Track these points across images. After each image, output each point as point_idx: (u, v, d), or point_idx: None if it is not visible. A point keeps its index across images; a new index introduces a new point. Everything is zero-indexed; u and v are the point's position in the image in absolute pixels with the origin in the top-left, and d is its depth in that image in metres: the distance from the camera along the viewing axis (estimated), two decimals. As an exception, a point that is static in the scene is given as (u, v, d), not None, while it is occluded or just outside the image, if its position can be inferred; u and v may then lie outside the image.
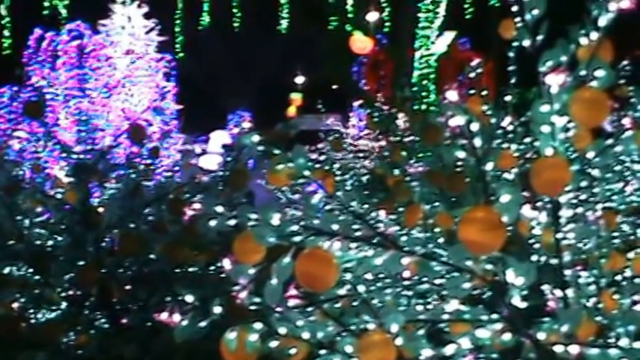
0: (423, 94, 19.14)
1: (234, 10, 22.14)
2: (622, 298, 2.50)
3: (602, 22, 1.81)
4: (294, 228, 1.86)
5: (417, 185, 3.01)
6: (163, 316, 2.15)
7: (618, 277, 2.64)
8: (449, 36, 21.89)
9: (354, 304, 2.17)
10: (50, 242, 4.09)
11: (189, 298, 2.17)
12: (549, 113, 1.78)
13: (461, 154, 1.81)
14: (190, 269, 3.90)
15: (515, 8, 1.98)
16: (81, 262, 3.89)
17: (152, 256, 3.98)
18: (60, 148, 4.51)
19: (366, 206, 3.65)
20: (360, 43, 20.75)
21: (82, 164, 4.15)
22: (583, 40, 1.81)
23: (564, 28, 1.86)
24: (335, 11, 21.91)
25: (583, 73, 1.78)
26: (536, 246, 2.47)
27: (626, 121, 2.27)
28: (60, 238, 4.09)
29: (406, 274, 2.19)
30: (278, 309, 2.08)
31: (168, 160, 14.41)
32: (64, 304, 4.01)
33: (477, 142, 1.78)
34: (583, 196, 2.47)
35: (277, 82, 26.21)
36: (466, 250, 1.72)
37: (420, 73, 19.54)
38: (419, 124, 3.64)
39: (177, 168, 5.08)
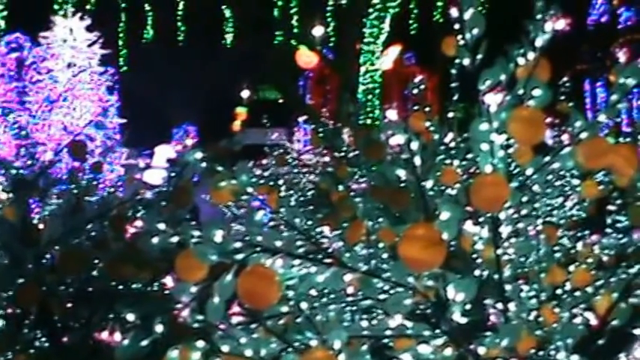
0: (368, 109, 19.26)
1: (179, 24, 22.03)
2: (562, 311, 2.54)
3: (539, 42, 1.85)
4: (237, 245, 1.85)
5: (360, 201, 3.03)
6: (104, 335, 2.13)
7: (559, 291, 2.68)
8: (394, 51, 22.11)
9: (298, 320, 2.17)
10: (-12, 259, 4.00)
11: (131, 317, 2.15)
12: (488, 131, 1.81)
13: (401, 173, 1.83)
14: (133, 287, 3.85)
15: (457, 26, 2.01)
16: (20, 280, 3.82)
17: (94, 273, 3.92)
18: (-2, 163, 4.42)
19: (310, 222, 3.66)
20: (306, 57, 20.82)
21: (22, 179, 4.08)
22: (521, 60, 1.84)
23: (503, 47, 1.90)
24: (280, 25, 21.95)
25: (521, 92, 1.82)
26: (479, 261, 2.50)
27: (565, 137, 2.32)
28: (-2, 256, 4.00)
29: (350, 289, 2.20)
30: (221, 326, 2.07)
31: (112, 175, 14.25)
32: (1, 323, 3.93)
33: (417, 160, 1.80)
34: (524, 211, 2.51)
35: (223, 96, 26.14)
36: (407, 266, 1.73)
37: (365, 88, 19.67)
38: (362, 140, 3.66)
39: (120, 183, 5.01)
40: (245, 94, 26.90)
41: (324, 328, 1.95)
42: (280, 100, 22.65)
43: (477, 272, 2.61)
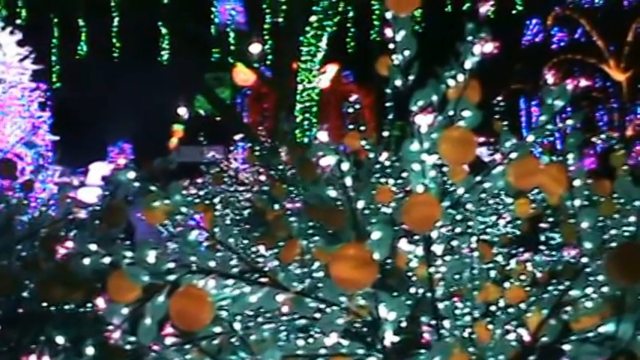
0: (305, 127, 19.31)
1: (114, 40, 21.79)
2: (495, 328, 2.57)
3: (468, 64, 1.88)
4: (170, 265, 1.84)
5: (295, 220, 3.03)
6: (33, 358, 2.08)
7: (492, 308, 2.72)
8: (331, 69, 22.23)
9: (232, 340, 2.16)
10: None
11: (60, 340, 2.11)
12: (419, 152, 1.83)
13: (333, 193, 1.84)
14: (64, 308, 3.78)
15: (391, 46, 2.03)
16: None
17: (24, 294, 3.84)
18: None
19: (246, 241, 3.64)
20: (243, 75, 20.81)
21: (-51, 199, 3.98)
22: (451, 82, 1.87)
23: (434, 69, 1.93)
24: (217, 43, 21.90)
25: (451, 113, 1.85)
26: (414, 279, 2.52)
27: (497, 157, 2.36)
28: None
29: (285, 309, 2.20)
30: (154, 348, 2.04)
31: (44, 194, 13.98)
32: None
33: (348, 181, 1.81)
34: (458, 229, 2.54)
35: (158, 113, 25.92)
36: (339, 286, 1.74)
37: (302, 107, 19.72)
38: (297, 159, 3.67)
39: (52, 202, 4.93)
40: (181, 111, 26.73)
41: (259, 348, 1.94)
42: (217, 118, 22.56)
43: (412, 290, 2.63)
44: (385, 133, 3.91)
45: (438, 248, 2.14)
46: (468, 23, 2.02)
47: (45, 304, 3.79)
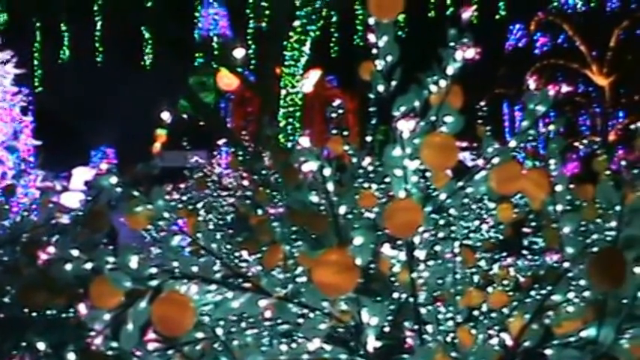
0: (289, 132, 19.30)
1: (96, 44, 21.68)
2: (478, 332, 2.58)
3: (450, 70, 1.89)
4: (152, 271, 1.83)
5: (278, 225, 3.02)
6: (14, 364, 2.07)
7: (476, 312, 2.73)
8: (315, 74, 22.24)
9: (215, 346, 2.15)
10: None
11: (41, 346, 2.09)
12: (401, 157, 1.84)
13: (315, 198, 1.84)
14: (46, 314, 3.76)
15: (374, 51, 2.04)
16: None
17: (5, 300, 3.82)
18: None
19: (229, 246, 3.63)
20: (227, 79, 20.78)
21: None
22: (433, 87, 1.88)
23: (416, 74, 1.93)
24: (201, 47, 21.86)
25: (433, 118, 1.85)
26: (397, 284, 2.53)
27: (480, 162, 2.36)
28: None
29: (268, 314, 2.20)
30: (137, 353, 2.04)
31: (26, 199, 13.88)
32: None
33: (330, 186, 1.81)
34: (441, 234, 2.54)
35: (142, 118, 25.85)
36: (321, 291, 1.74)
37: (285, 111, 19.71)
38: (280, 164, 3.66)
39: (34, 207, 4.90)
40: (165, 115, 26.67)
41: (241, 354, 1.93)
42: (201, 122, 22.52)
43: (395, 295, 2.63)
44: (368, 138, 3.91)
45: (420, 253, 2.14)
46: (451, 29, 2.03)
47: (26, 310, 3.76)
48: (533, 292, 2.57)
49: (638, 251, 1.89)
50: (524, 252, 4.54)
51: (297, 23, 19.80)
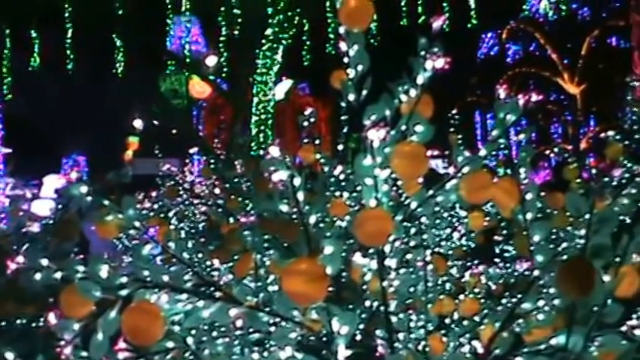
0: (261, 140, 19.28)
1: (67, 51, 21.51)
2: (449, 340, 2.59)
3: (420, 79, 1.90)
4: (123, 280, 1.82)
5: (250, 234, 3.02)
6: (-19, 375, 2.04)
7: (447, 320, 2.73)
8: (287, 82, 22.25)
9: (186, 355, 2.14)
10: None
11: (10, 356, 2.07)
12: (372, 166, 1.84)
13: (284, 207, 1.84)
14: (16, 323, 3.72)
15: (346, 60, 2.04)
16: None
17: (-26, 309, 3.77)
18: None
19: (201, 255, 3.62)
20: (199, 87, 20.74)
21: None
22: (403, 97, 1.89)
23: (387, 83, 1.94)
24: (173, 55, 21.78)
25: (403, 127, 1.86)
26: (368, 292, 2.53)
27: (451, 170, 2.38)
28: None
29: (240, 322, 2.19)
30: (107, 363, 2.02)
31: (-5, 207, 13.72)
32: None
33: (300, 195, 1.81)
34: (412, 243, 2.55)
35: (113, 125, 25.68)
36: (291, 300, 1.74)
37: (257, 119, 19.69)
38: (252, 172, 3.66)
39: (4, 215, 4.85)
40: (136, 123, 26.53)
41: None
42: (173, 130, 22.41)
43: (366, 303, 2.63)
44: (340, 147, 3.91)
45: (391, 262, 2.14)
46: (422, 38, 2.04)
47: (-5, 320, 3.72)
48: (504, 300, 2.59)
49: (606, 260, 1.91)
50: (496, 260, 4.56)
51: (269, 31, 19.81)
